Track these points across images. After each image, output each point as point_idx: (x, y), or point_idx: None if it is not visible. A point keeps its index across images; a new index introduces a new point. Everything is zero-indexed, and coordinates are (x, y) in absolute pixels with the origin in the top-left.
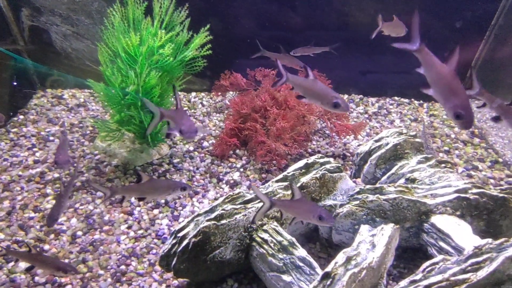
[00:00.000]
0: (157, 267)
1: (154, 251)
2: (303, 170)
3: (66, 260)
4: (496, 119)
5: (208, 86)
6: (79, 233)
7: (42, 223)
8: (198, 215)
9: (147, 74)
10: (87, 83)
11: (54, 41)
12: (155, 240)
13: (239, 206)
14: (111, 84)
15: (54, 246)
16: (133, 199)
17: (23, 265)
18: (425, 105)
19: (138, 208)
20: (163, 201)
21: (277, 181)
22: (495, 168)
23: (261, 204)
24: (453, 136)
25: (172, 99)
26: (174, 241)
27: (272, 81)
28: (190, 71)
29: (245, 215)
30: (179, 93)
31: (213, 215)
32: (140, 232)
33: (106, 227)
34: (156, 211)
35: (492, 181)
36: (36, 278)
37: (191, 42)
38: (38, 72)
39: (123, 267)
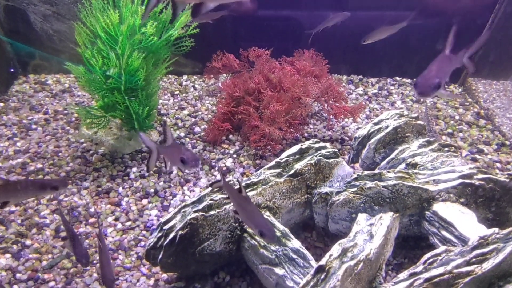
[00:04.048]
0: (146, 261)
1: (142, 243)
2: (297, 156)
3: (49, 256)
4: None
5: (200, 68)
6: (63, 227)
7: (24, 217)
8: (185, 205)
9: (129, 56)
10: (65, 66)
11: (33, 22)
12: (144, 232)
13: None
14: (91, 67)
15: (37, 241)
16: (120, 189)
17: (3, 261)
18: None
19: (126, 199)
20: (152, 190)
21: (269, 168)
22: (502, 151)
23: None
24: (457, 117)
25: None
26: (160, 234)
27: (266, 62)
28: (178, 51)
29: None
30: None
31: (201, 206)
32: (128, 224)
33: (92, 220)
34: (145, 201)
35: (498, 165)
36: (18, 275)
37: (177, 20)
38: (19, 56)
39: None
